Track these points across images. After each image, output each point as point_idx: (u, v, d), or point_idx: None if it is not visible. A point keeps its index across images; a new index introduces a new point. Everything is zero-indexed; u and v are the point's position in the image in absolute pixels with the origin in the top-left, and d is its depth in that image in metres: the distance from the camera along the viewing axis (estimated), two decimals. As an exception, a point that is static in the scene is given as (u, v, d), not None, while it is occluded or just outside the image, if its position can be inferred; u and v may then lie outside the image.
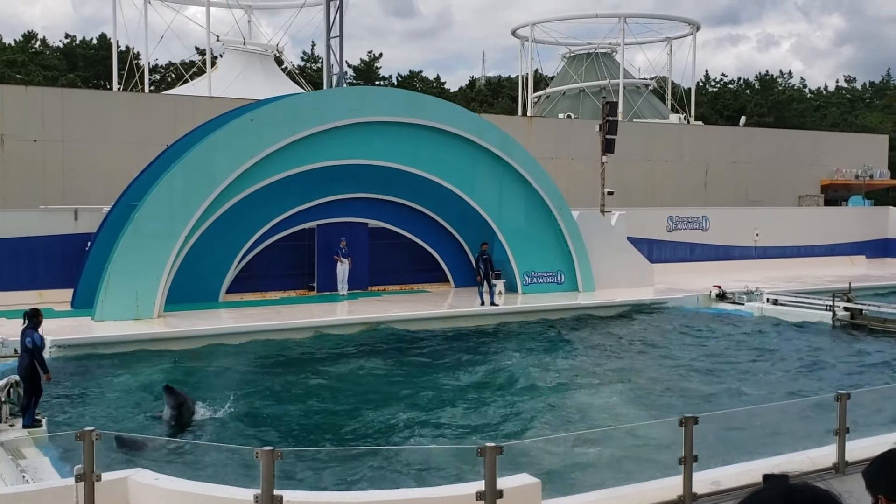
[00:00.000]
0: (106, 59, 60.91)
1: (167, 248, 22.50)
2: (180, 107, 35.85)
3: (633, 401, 15.82)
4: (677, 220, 36.12)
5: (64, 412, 14.27)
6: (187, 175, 22.92)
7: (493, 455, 7.48)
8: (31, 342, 12.71)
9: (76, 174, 32.81)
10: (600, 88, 57.83)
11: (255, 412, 14.66)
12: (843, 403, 9.57)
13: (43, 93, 35.01)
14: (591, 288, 28.28)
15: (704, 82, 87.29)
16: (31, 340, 12.71)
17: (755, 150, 50.83)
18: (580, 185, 39.21)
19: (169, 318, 22.16)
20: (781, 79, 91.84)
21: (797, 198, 50.67)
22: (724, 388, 16.92)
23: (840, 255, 40.16)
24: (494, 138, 27.05)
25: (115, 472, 8.74)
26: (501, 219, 27.40)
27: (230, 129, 23.70)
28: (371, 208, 27.33)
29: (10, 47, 68.58)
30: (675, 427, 8.65)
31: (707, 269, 34.48)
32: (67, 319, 21.55)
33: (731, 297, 27.76)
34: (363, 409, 14.88)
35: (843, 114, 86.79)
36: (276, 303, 25.36)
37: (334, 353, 19.96)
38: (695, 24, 64.49)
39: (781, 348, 21.20)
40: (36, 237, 24.68)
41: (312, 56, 76.26)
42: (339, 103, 25.24)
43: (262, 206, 24.69)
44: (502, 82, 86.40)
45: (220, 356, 19.24)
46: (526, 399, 15.75)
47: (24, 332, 12.90)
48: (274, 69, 52.92)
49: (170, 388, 13.89)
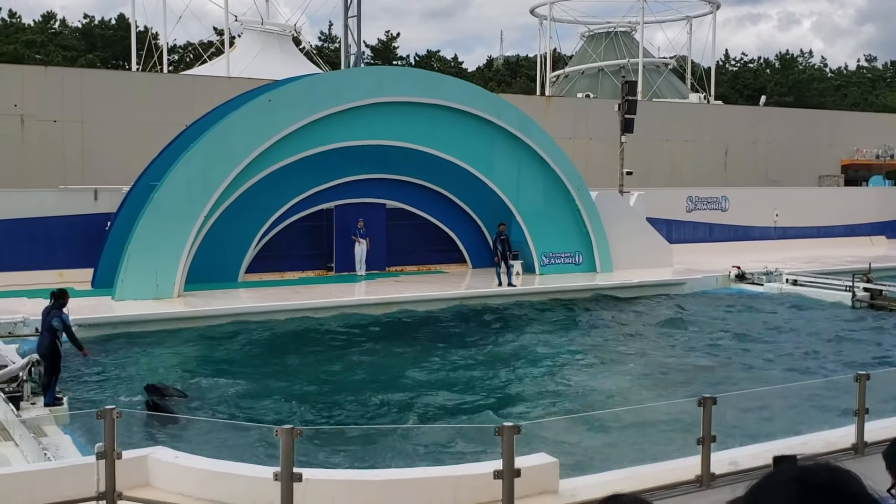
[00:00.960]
0: (124, 40, 61.04)
1: (186, 228, 22.60)
2: (199, 87, 35.89)
3: (650, 381, 15.82)
4: (696, 200, 35.94)
5: (85, 391, 14.41)
6: (206, 155, 22.98)
7: (511, 434, 7.50)
8: (60, 322, 12.85)
9: (95, 154, 32.95)
10: (619, 68, 57.45)
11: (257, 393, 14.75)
12: (863, 384, 9.53)
13: (62, 73, 35.12)
14: (610, 269, 28.19)
15: (724, 61, 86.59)
16: (59, 321, 12.84)
17: (775, 129, 50.41)
18: (599, 165, 39.02)
19: (188, 297, 22.29)
20: (802, 58, 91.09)
21: (817, 178, 50.27)
22: (742, 368, 16.88)
23: (860, 236, 39.85)
24: (512, 118, 26.94)
25: (136, 451, 8.82)
26: (519, 199, 27.33)
27: (248, 109, 23.72)
28: (389, 189, 27.34)
29: (29, 28, 68.85)
30: (694, 407, 8.64)
31: (726, 250, 34.32)
32: (87, 299, 21.70)
33: (751, 277, 27.64)
34: (380, 389, 14.94)
35: (863, 93, 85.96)
36: (294, 283, 25.45)
37: (352, 332, 20.03)
38: (715, 3, 63.88)
39: (800, 329, 21.11)
40: (56, 217, 24.84)
41: (330, 36, 76.16)
42: (356, 84, 25.20)
43: (281, 187, 24.75)
44: (520, 62, 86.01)
45: (237, 336, 19.34)
46: (543, 379, 15.77)
47: (50, 312, 13.02)
48: (292, 49, 52.86)
49: (152, 387, 13.73)
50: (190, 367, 16.50)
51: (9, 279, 23.17)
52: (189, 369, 16.35)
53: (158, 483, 8.53)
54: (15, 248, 24.25)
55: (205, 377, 15.64)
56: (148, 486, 8.52)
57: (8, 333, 17.50)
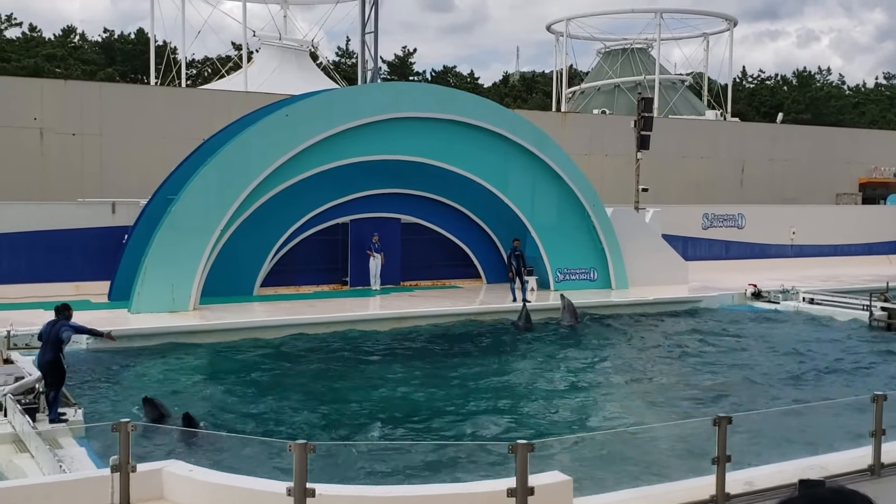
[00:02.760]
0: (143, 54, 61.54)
1: (203, 242, 22.70)
2: (216, 101, 36.14)
3: (664, 399, 15.74)
4: (713, 217, 35.82)
5: (100, 403, 14.46)
6: (223, 169, 23.10)
7: (525, 452, 7.49)
8: (71, 332, 12.81)
9: (114, 168, 33.18)
10: (636, 84, 57.53)
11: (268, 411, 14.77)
12: (880, 404, 9.47)
13: (82, 87, 35.44)
14: (625, 285, 28.13)
15: (741, 78, 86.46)
16: (69, 331, 12.78)
17: (792, 147, 50.26)
18: (614, 181, 39.00)
19: (204, 310, 22.37)
20: (819, 75, 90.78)
21: (834, 196, 50.03)
22: (758, 387, 16.77)
23: (878, 254, 39.58)
24: (528, 134, 26.97)
25: (150, 464, 8.86)
26: (534, 215, 27.33)
27: (265, 124, 23.85)
28: (404, 203, 27.39)
29: (49, 42, 69.52)
30: (709, 426, 8.60)
31: (743, 268, 34.15)
32: (104, 311, 21.80)
33: (767, 295, 27.49)
34: (393, 404, 14.93)
35: (881, 111, 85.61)
36: (309, 297, 25.49)
37: (365, 347, 20.04)
38: (732, 20, 63.92)
39: (817, 348, 20.95)
40: (74, 230, 25.01)
41: (347, 51, 76.52)
42: (373, 99, 25.30)
43: (297, 201, 24.85)
44: (536, 78, 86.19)
45: (252, 349, 19.38)
46: (557, 396, 15.72)
47: (55, 325, 12.82)
48: (309, 64, 53.18)
49: (149, 400, 13.58)
50: (204, 381, 16.54)
51: (27, 291, 23.34)
52: (203, 382, 16.39)
53: (172, 496, 8.56)
54: (33, 261, 24.43)
55: (218, 390, 15.67)
56: (162, 499, 8.56)
57: (25, 345, 17.56)
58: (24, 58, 61.77)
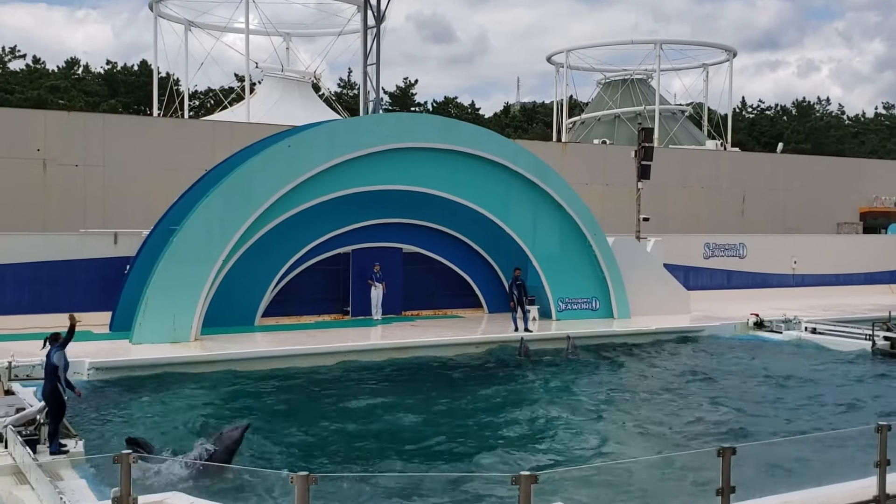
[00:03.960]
0: (146, 85, 61.97)
1: (205, 272, 22.71)
2: (219, 132, 36.29)
3: (667, 430, 15.67)
4: (714, 246, 35.86)
5: (100, 435, 14.40)
6: (225, 200, 23.15)
7: (528, 484, 7.45)
8: (62, 357, 12.72)
9: (116, 198, 33.27)
10: (636, 114, 57.76)
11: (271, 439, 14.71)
12: (884, 435, 9.43)
13: (84, 118, 35.59)
14: (627, 315, 28.09)
15: (741, 108, 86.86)
16: (59, 355, 12.70)
17: (792, 176, 50.41)
18: (615, 211, 39.09)
19: (205, 341, 22.34)
20: (819, 105, 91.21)
21: (835, 225, 50.09)
22: (761, 417, 16.69)
23: (879, 284, 39.60)
24: (529, 164, 27.07)
25: (152, 496, 8.82)
26: (536, 244, 27.36)
27: (268, 154, 23.94)
28: (405, 233, 27.44)
29: (53, 73, 69.94)
30: (713, 457, 8.56)
31: (744, 297, 34.17)
32: (105, 342, 21.78)
33: (769, 325, 27.46)
34: (396, 436, 14.86)
35: (881, 141, 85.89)
36: (310, 327, 25.47)
37: (366, 377, 19.98)
38: (731, 51, 64.35)
39: (820, 378, 20.89)
40: (75, 260, 25.03)
41: (349, 82, 76.98)
42: (374, 129, 25.42)
43: (298, 231, 24.88)
44: (537, 108, 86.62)
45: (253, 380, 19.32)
46: (560, 427, 15.65)
47: (49, 353, 12.88)
48: (311, 95, 53.50)
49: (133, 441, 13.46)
50: (205, 412, 16.47)
51: (29, 321, 23.26)
52: (204, 413, 16.32)
53: (173, 529, 8.50)
54: (36, 291, 24.44)
55: (219, 421, 15.60)
56: (163, 531, 8.50)
57: (26, 376, 17.55)
58: (28, 89, 62.16)
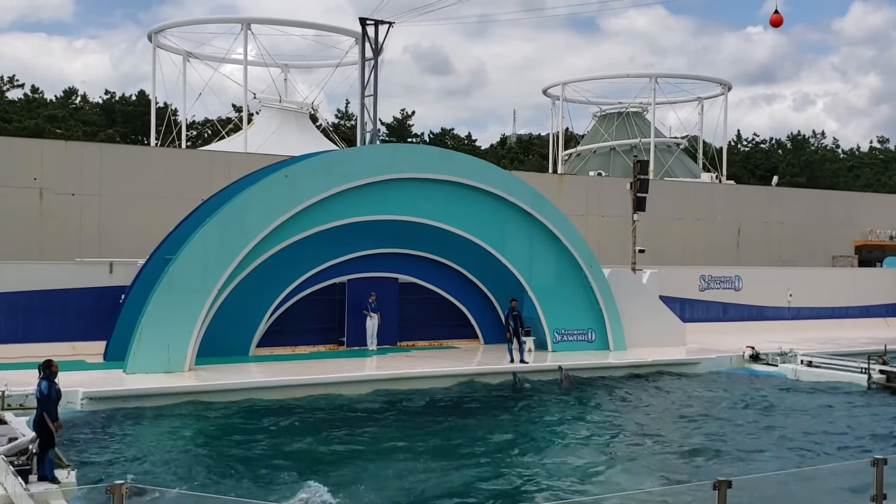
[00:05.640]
0: (144, 115, 62.23)
1: (200, 302, 22.66)
2: (216, 162, 36.38)
3: (663, 463, 15.60)
4: (710, 279, 35.90)
5: (93, 465, 14.31)
6: (221, 229, 23.15)
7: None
8: (38, 391, 12.59)
9: (112, 228, 33.26)
10: (631, 147, 58.05)
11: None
12: (880, 468, 9.41)
13: (82, 148, 35.68)
14: (623, 346, 28.06)
15: (736, 142, 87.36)
16: (38, 390, 12.60)
17: (788, 209, 50.60)
18: (611, 242, 39.13)
19: (199, 371, 22.25)
20: (814, 139, 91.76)
21: (831, 258, 50.21)
22: (757, 451, 16.64)
23: (875, 317, 39.61)
24: (525, 195, 27.15)
25: (144, 527, 8.73)
26: (532, 275, 27.37)
27: (265, 184, 23.99)
28: (401, 263, 27.44)
29: (51, 103, 70.24)
30: (709, 491, 8.53)
31: (740, 330, 34.16)
32: (99, 371, 21.70)
33: (765, 358, 27.43)
34: (395, 470, 14.78)
35: (876, 174, 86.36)
36: (305, 357, 25.37)
37: (360, 408, 19.90)
38: (726, 84, 64.78)
39: (815, 411, 20.86)
40: (71, 289, 24.97)
41: (347, 113, 77.40)
42: (371, 160, 25.49)
43: (294, 261, 24.87)
44: (533, 140, 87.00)
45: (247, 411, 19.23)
46: (555, 461, 15.59)
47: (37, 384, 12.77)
48: (309, 126, 53.69)
49: None
50: (197, 442, 16.39)
51: (23, 351, 23.19)
52: (196, 444, 16.24)
53: (165, 561, 8.43)
54: (31, 320, 24.37)
55: (212, 452, 15.52)
56: (154, 563, 8.42)
57: (19, 405, 17.44)
58: (26, 119, 62.40)
